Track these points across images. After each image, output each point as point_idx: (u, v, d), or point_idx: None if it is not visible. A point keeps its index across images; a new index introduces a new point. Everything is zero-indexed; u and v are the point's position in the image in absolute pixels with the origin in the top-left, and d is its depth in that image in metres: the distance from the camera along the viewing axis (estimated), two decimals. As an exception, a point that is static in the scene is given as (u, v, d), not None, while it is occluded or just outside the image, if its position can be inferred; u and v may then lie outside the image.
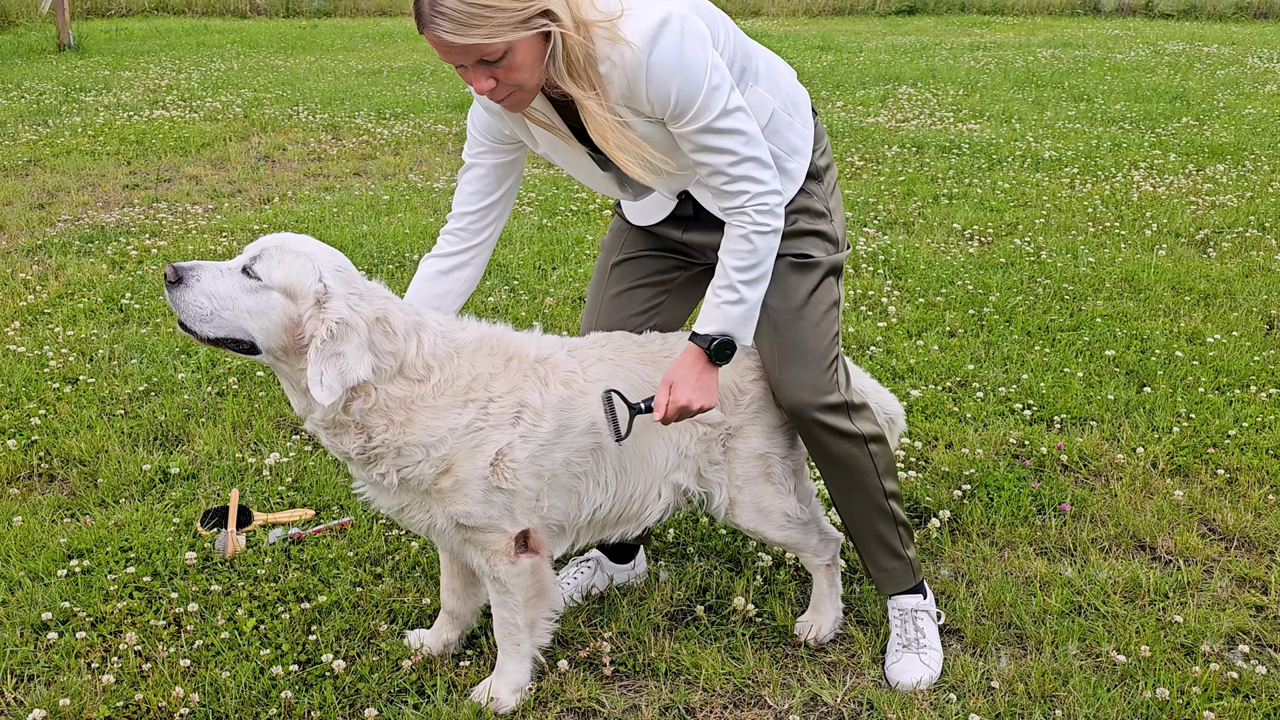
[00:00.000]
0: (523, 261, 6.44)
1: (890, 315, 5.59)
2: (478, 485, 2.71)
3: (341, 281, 2.63)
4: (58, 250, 6.80)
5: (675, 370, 2.74)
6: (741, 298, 2.73)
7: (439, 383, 2.68)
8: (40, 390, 4.76)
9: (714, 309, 2.75)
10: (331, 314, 2.57)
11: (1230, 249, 6.68)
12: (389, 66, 15.75)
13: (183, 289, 2.55)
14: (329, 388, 2.55)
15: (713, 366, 2.76)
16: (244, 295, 2.57)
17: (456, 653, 3.15)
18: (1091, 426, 4.42)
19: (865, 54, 17.00)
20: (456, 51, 2.43)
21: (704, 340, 2.74)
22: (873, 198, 7.95)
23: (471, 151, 2.95)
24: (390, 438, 2.66)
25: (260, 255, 2.60)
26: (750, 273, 2.72)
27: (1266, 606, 3.31)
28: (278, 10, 25.68)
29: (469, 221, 2.98)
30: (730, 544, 3.65)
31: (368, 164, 9.53)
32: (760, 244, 2.70)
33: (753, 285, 2.74)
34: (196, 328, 2.58)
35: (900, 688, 2.97)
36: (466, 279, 3.01)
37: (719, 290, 2.74)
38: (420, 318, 2.75)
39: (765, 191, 2.67)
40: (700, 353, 2.74)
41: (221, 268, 2.59)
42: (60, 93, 12.92)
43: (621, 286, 3.19)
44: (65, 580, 3.43)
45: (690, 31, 2.54)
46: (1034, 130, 10.50)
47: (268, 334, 2.59)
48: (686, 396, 2.71)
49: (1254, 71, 14.55)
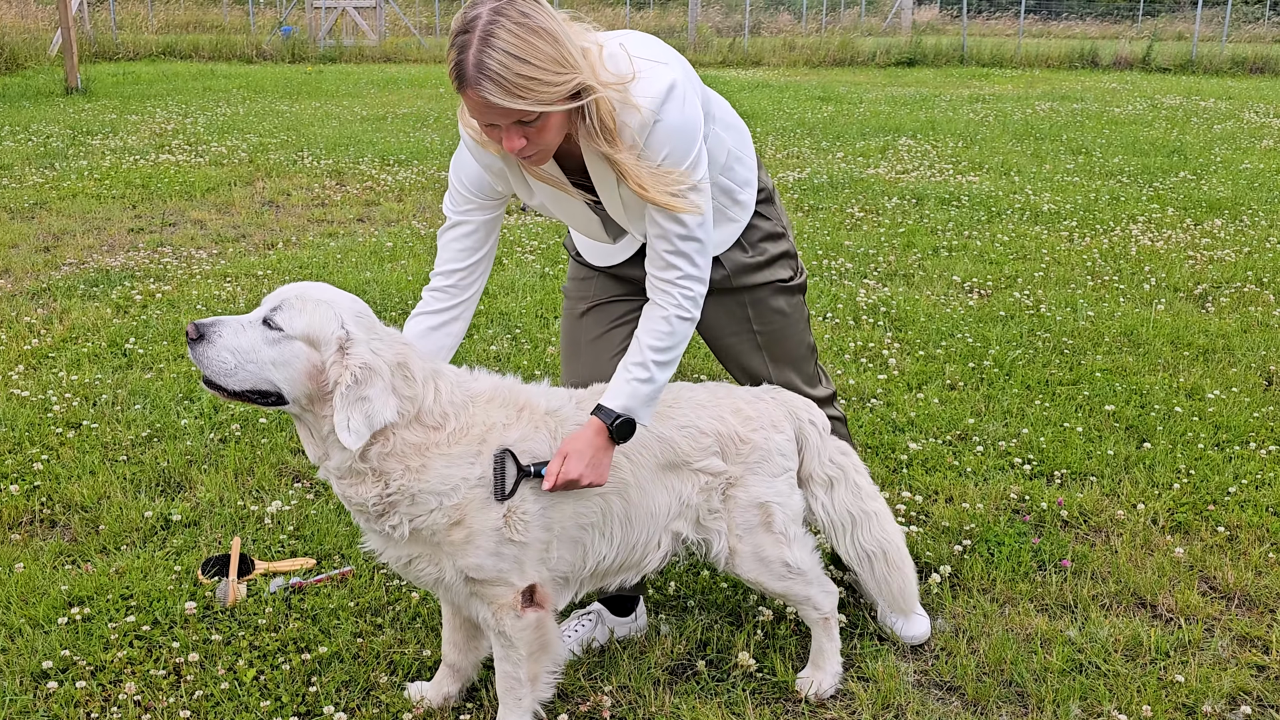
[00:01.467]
0: (525, 310, 6.47)
1: (891, 367, 5.62)
2: (490, 537, 2.72)
3: (363, 327, 2.65)
4: (62, 294, 6.84)
5: (573, 442, 2.75)
6: (651, 377, 2.80)
7: (454, 430, 2.70)
8: (43, 435, 4.78)
9: (624, 384, 2.79)
10: (355, 359, 2.58)
11: (1229, 304, 6.72)
12: (393, 113, 15.90)
13: (205, 345, 2.56)
14: (356, 432, 2.56)
15: (610, 444, 2.78)
16: (267, 347, 2.58)
17: (457, 705, 3.14)
18: (1092, 482, 4.43)
19: (865, 105, 17.17)
20: (497, 113, 2.49)
21: (608, 415, 2.76)
22: (873, 249, 8.01)
23: (460, 209, 2.98)
24: (406, 484, 2.67)
25: (280, 305, 2.61)
26: (664, 354, 2.81)
27: (1268, 666, 3.31)
28: (283, 56, 25.97)
29: (459, 278, 3.01)
30: (731, 597, 3.65)
31: (371, 210, 9.60)
32: (679, 329, 2.82)
33: (664, 368, 2.82)
34: (222, 382, 2.58)
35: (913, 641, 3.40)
36: (456, 334, 3.04)
37: (631, 367, 2.81)
38: (437, 366, 2.78)
39: (696, 277, 2.81)
40: (602, 428, 2.76)
41: (242, 321, 2.61)
42: (67, 136, 13.03)
43: (598, 331, 3.26)
44: (65, 628, 3.43)
45: (689, 102, 2.69)
46: (1033, 183, 10.59)
47: (293, 383, 2.60)
48: (578, 470, 2.72)
49: (1250, 126, 14.70)
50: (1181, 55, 25.08)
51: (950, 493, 4.33)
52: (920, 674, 3.30)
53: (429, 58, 27.04)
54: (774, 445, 3.05)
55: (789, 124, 14.77)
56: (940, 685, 3.24)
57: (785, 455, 3.08)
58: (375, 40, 28.31)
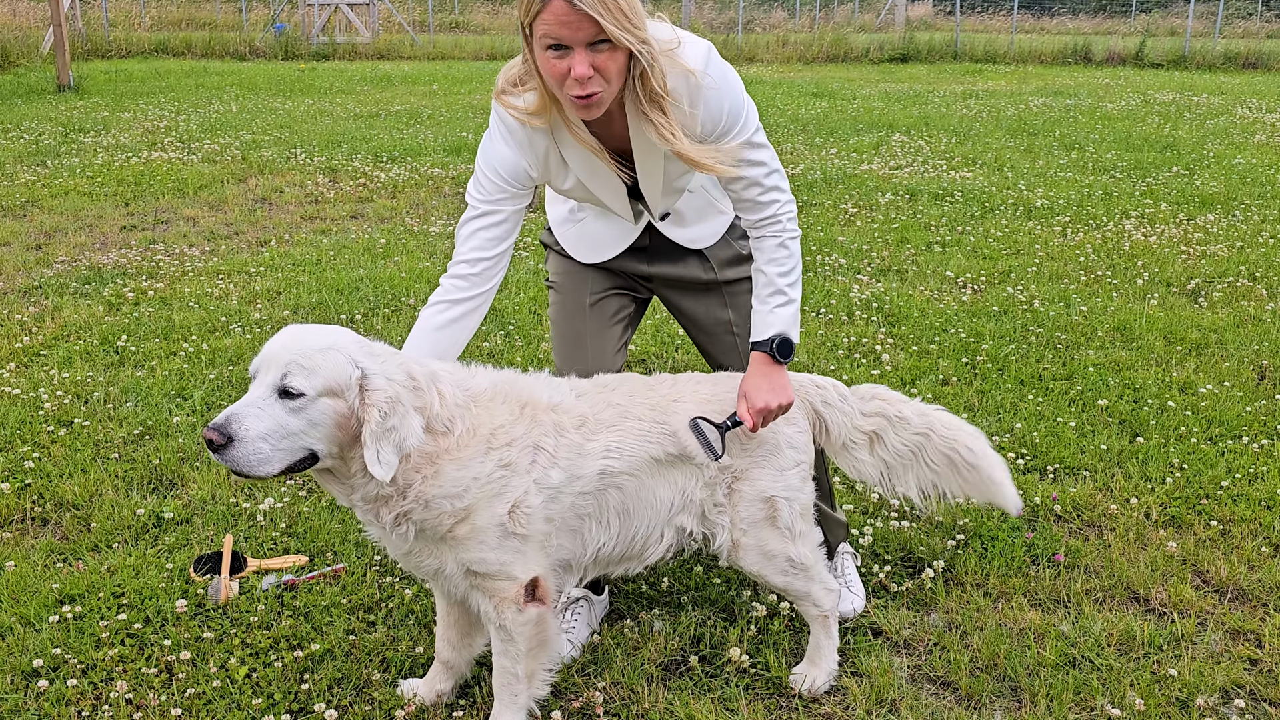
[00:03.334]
0: (518, 306, 6.46)
1: (884, 363, 5.62)
2: (494, 532, 2.71)
3: (369, 356, 2.61)
4: (54, 291, 6.82)
5: (747, 381, 2.95)
6: (790, 299, 3.02)
7: (461, 434, 2.68)
8: (35, 433, 4.76)
9: (767, 314, 3.01)
10: (378, 394, 2.54)
11: (1221, 299, 6.73)
12: (386, 110, 15.87)
13: (239, 446, 2.44)
14: (387, 463, 2.53)
15: (780, 366, 2.95)
16: (293, 418, 2.49)
17: (450, 703, 3.13)
18: (1085, 476, 4.43)
19: (859, 101, 17.17)
20: (577, 25, 2.53)
21: (765, 345, 2.97)
22: (866, 245, 8.01)
23: (490, 199, 2.96)
24: (421, 490, 2.66)
25: (289, 371, 2.50)
26: (791, 275, 3.02)
27: (1261, 660, 3.31)
28: (276, 53, 25.92)
29: (483, 268, 2.98)
30: (724, 593, 3.65)
31: (364, 207, 9.58)
32: (794, 249, 3.03)
33: (795, 286, 3.03)
34: (259, 472, 2.47)
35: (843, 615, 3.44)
36: (471, 327, 3.01)
37: (766, 299, 3.01)
38: (432, 368, 2.75)
39: (790, 200, 3.02)
40: (765, 356, 2.96)
41: (258, 404, 2.49)
42: (59, 133, 12.99)
43: (600, 324, 3.30)
44: (57, 626, 3.41)
45: (725, 63, 2.86)
46: (1026, 178, 10.59)
47: (326, 440, 2.55)
48: (764, 400, 2.90)
49: (1243, 121, 14.72)
50: (1174, 51, 25.12)
51: (944, 488, 4.32)
52: (914, 669, 3.29)
53: (422, 55, 27.01)
54: (783, 438, 3.05)
55: (782, 120, 14.76)
56: (934, 680, 3.24)
57: (796, 448, 3.07)
58: (368, 37, 28.25)
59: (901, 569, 3.81)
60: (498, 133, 2.92)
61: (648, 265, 3.27)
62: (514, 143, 2.90)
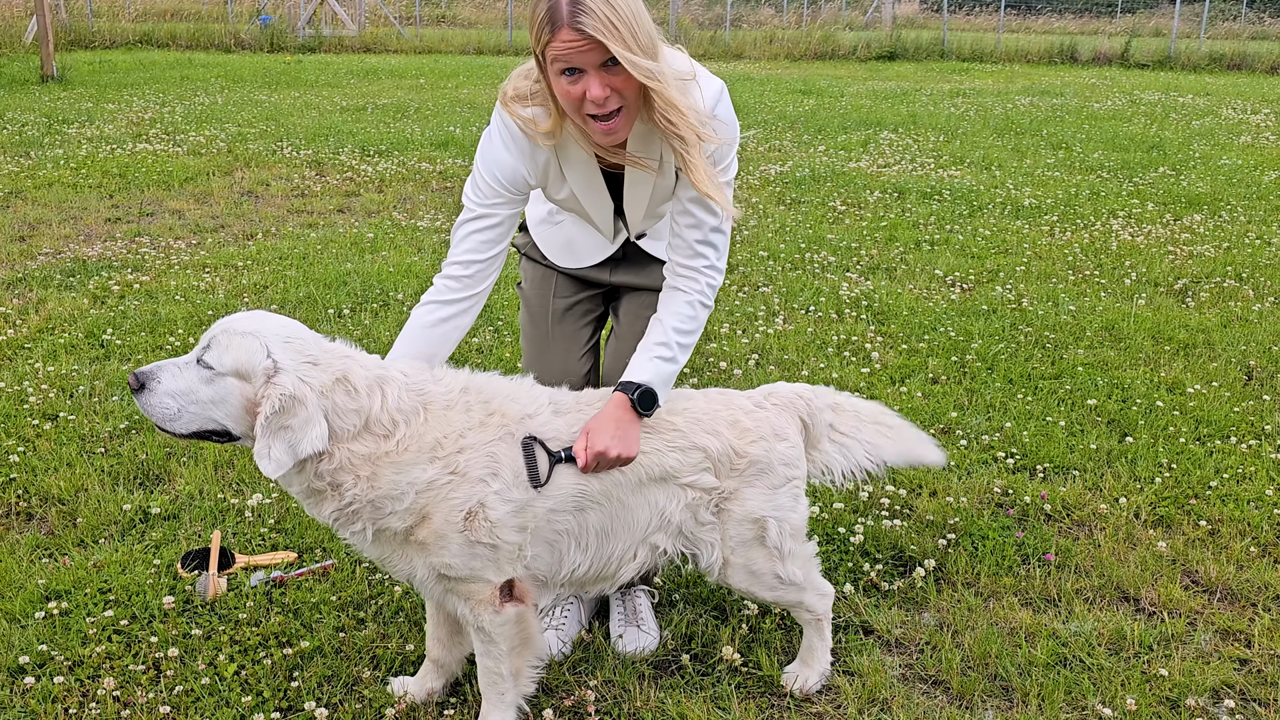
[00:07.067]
0: (508, 302, 6.44)
1: (873, 361, 5.62)
2: (455, 539, 2.68)
3: (292, 352, 2.61)
4: (39, 284, 6.77)
5: (596, 419, 2.81)
6: (674, 357, 2.93)
7: (403, 438, 2.65)
8: (19, 427, 4.72)
9: (647, 362, 2.90)
10: (277, 389, 2.56)
11: (1208, 299, 6.75)
12: (373, 103, 15.80)
13: (147, 394, 2.59)
14: (277, 461, 2.56)
15: (636, 416, 2.83)
16: (203, 387, 2.60)
17: (440, 701, 3.11)
18: (1074, 476, 4.44)
19: (847, 99, 17.18)
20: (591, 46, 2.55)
21: (630, 388, 2.84)
22: (855, 243, 8.01)
23: (487, 202, 2.95)
24: (360, 493, 2.64)
25: (210, 344, 2.62)
26: (687, 337, 2.96)
27: (1250, 660, 3.32)
28: (262, 45, 25.79)
29: (477, 269, 2.98)
30: (716, 592, 3.64)
31: (352, 201, 9.54)
32: (700, 315, 2.98)
33: (684, 350, 2.96)
34: (169, 427, 2.62)
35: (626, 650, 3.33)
36: (463, 327, 3.01)
37: (654, 346, 2.93)
38: (384, 372, 2.71)
39: (719, 268, 2.99)
40: (625, 400, 2.83)
41: (179, 364, 2.63)
42: (43, 124, 12.90)
43: (567, 328, 3.36)
44: (43, 623, 3.38)
45: (732, 107, 2.90)
46: (1014, 177, 10.62)
47: (234, 419, 2.62)
48: (604, 444, 2.76)
49: (1228, 122, 14.79)
50: (1160, 51, 25.21)
51: (934, 487, 4.33)
52: (905, 668, 3.29)
53: (409, 48, 26.90)
54: (775, 456, 2.99)
55: (770, 117, 14.76)
56: (925, 679, 3.24)
57: (789, 464, 3.01)
58: (354, 30, 28.13)
59: (892, 568, 3.81)
60: (500, 137, 2.90)
61: (610, 274, 3.31)
62: (516, 149, 2.89)
